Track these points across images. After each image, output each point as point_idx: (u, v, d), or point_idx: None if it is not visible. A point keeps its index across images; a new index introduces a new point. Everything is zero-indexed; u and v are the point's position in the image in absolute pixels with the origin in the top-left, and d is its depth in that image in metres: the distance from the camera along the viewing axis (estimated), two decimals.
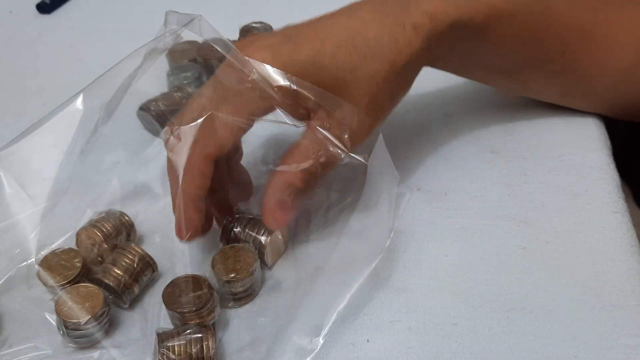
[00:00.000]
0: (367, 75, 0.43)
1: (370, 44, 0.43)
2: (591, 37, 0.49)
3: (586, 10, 0.49)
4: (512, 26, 0.47)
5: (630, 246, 0.45)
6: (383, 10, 0.44)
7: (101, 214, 0.47)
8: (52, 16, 0.72)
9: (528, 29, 0.47)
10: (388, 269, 0.45)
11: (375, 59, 0.43)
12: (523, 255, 0.46)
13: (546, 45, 0.49)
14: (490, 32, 0.46)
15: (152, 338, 0.41)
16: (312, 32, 0.44)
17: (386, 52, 0.43)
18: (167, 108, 0.55)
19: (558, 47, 0.49)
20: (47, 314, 0.43)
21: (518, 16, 0.46)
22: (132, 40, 0.68)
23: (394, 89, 0.45)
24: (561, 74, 0.50)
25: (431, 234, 0.48)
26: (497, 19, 0.46)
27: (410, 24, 0.43)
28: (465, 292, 0.44)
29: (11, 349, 0.43)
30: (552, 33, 0.48)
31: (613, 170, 0.50)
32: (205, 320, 0.42)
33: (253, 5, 0.71)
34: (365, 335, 0.43)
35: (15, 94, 0.63)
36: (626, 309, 0.42)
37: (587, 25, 0.48)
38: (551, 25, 0.48)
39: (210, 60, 0.59)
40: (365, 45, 0.43)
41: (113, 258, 0.45)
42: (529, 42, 0.48)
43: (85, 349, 0.43)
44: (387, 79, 0.43)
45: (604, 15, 0.49)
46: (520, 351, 0.41)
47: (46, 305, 0.44)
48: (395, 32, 0.43)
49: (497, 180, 0.51)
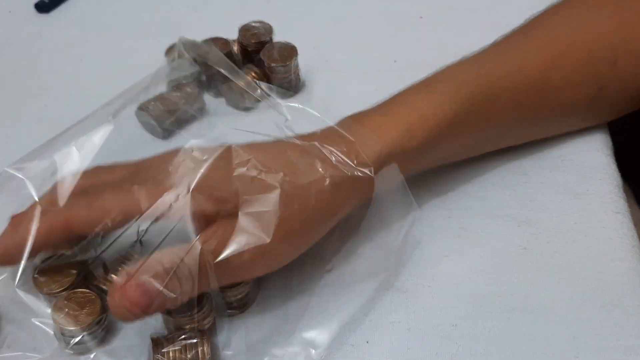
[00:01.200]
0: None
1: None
2: (546, 86, 0.48)
3: (532, 58, 0.47)
4: (459, 128, 0.45)
5: (631, 246, 0.45)
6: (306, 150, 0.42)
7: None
8: (50, 15, 0.72)
9: (477, 121, 0.46)
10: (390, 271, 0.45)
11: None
12: (524, 256, 0.46)
13: (502, 121, 0.48)
14: (434, 148, 0.45)
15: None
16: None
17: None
18: (165, 108, 0.55)
19: (514, 115, 0.48)
20: (44, 320, 0.43)
21: (462, 119, 0.45)
22: (132, 39, 0.68)
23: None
24: (523, 132, 0.50)
25: (431, 233, 0.47)
26: (439, 136, 0.44)
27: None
28: (466, 292, 0.44)
29: (9, 349, 0.43)
30: (503, 108, 0.47)
31: (614, 170, 0.50)
32: (200, 325, 0.41)
33: (253, 4, 0.71)
34: (365, 336, 0.42)
35: (15, 93, 0.63)
36: (627, 309, 0.42)
37: (537, 75, 0.47)
38: (500, 101, 0.47)
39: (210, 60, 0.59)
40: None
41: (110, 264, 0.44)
42: (482, 129, 0.47)
43: (82, 355, 0.43)
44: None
45: (552, 55, 0.48)
46: (520, 352, 0.41)
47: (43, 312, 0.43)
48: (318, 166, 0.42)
49: (497, 180, 0.50)
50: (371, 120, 0.44)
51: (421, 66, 0.57)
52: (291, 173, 0.40)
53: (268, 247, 0.39)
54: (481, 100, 0.46)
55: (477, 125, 0.47)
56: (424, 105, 0.45)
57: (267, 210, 0.39)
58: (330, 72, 0.61)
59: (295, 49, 0.57)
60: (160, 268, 0.37)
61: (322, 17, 0.69)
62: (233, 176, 0.40)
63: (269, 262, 0.41)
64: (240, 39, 0.59)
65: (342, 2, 0.70)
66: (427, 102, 0.45)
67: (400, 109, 0.45)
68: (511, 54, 0.48)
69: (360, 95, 0.58)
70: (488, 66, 0.47)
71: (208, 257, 0.38)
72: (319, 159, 0.41)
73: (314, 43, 0.62)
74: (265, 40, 0.58)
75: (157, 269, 0.37)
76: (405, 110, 0.45)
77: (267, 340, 0.42)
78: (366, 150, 0.42)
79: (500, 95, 0.46)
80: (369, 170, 0.42)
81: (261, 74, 0.57)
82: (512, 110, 0.48)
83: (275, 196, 0.39)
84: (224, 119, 0.57)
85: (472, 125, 0.46)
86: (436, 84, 0.46)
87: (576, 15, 0.49)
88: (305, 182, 0.40)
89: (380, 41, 0.64)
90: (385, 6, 0.69)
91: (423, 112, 0.44)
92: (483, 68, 0.47)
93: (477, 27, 0.64)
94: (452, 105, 0.45)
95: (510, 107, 0.47)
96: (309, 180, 0.40)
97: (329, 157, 0.42)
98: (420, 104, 0.45)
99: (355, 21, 0.68)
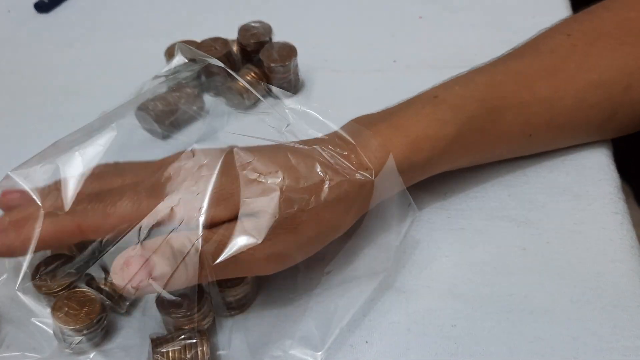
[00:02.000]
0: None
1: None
2: (556, 107, 0.47)
3: (543, 78, 0.47)
4: (464, 144, 0.46)
5: (630, 247, 0.45)
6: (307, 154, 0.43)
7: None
8: (50, 15, 0.72)
9: (482, 139, 0.46)
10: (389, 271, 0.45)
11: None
12: (523, 256, 0.46)
13: (508, 139, 0.48)
14: (439, 162, 0.46)
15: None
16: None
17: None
18: (165, 108, 0.55)
19: (521, 133, 0.48)
20: (44, 320, 0.43)
21: (466, 136, 0.45)
22: (132, 39, 0.68)
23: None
24: (530, 150, 0.50)
25: (431, 234, 0.47)
26: (444, 151, 0.45)
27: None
28: (465, 293, 0.44)
29: (9, 349, 0.43)
30: (510, 126, 0.47)
31: (613, 171, 0.50)
32: (200, 325, 0.41)
33: (252, 4, 0.71)
34: (364, 336, 0.42)
35: (14, 93, 0.63)
36: (626, 310, 0.42)
37: (547, 94, 0.47)
38: (507, 119, 0.46)
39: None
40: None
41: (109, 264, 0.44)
42: (488, 146, 0.47)
43: (81, 354, 0.43)
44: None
45: (565, 76, 0.47)
46: (520, 352, 0.41)
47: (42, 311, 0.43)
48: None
49: (497, 180, 0.50)
50: (378, 130, 0.44)
51: (421, 66, 0.57)
52: (291, 176, 0.40)
53: (265, 248, 0.39)
54: (488, 117, 0.46)
55: (483, 142, 0.47)
56: (430, 120, 0.44)
57: (266, 213, 0.39)
58: (329, 72, 0.61)
59: (294, 49, 0.57)
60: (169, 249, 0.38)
61: (321, 17, 0.69)
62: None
63: (267, 265, 0.41)
64: (240, 39, 0.59)
65: (342, 2, 0.70)
66: (434, 118, 0.45)
67: (408, 122, 0.45)
68: (521, 71, 0.48)
69: (359, 95, 0.58)
70: (497, 82, 0.47)
71: (207, 258, 0.39)
72: (320, 162, 0.41)
73: (313, 43, 0.62)
74: (265, 41, 0.58)
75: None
76: (413, 123, 0.44)
77: (267, 340, 0.42)
78: (368, 153, 0.42)
79: (508, 113, 0.46)
80: (370, 174, 0.42)
81: (260, 74, 0.57)
82: (519, 130, 0.47)
83: (274, 199, 0.39)
84: (223, 119, 0.57)
85: (478, 142, 0.47)
86: (445, 96, 0.46)
87: (589, 40, 0.49)
88: (305, 186, 0.40)
89: (380, 41, 0.64)
90: (385, 6, 0.69)
91: (429, 127, 0.44)
92: (491, 86, 0.47)
93: (477, 27, 0.64)
94: (458, 122, 0.45)
95: (517, 127, 0.47)
96: (309, 184, 0.40)
97: (329, 160, 0.42)
98: (427, 118, 0.45)
99: (355, 21, 0.68)
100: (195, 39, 0.60)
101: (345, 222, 0.43)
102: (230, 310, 0.44)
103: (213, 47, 0.58)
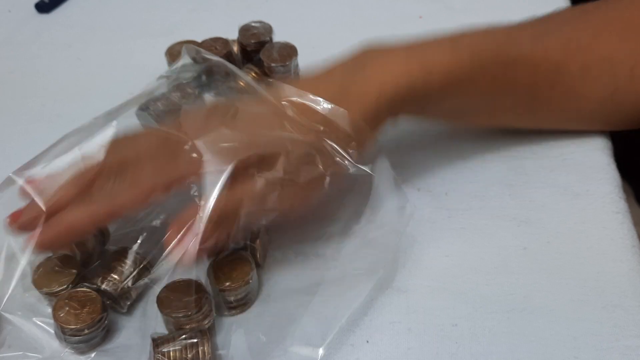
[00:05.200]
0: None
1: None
2: (563, 72, 0.49)
3: (556, 43, 0.49)
4: (473, 85, 0.47)
5: (631, 246, 0.45)
6: (333, 80, 0.46)
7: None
8: (50, 15, 0.72)
9: (491, 84, 0.48)
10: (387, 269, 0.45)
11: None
12: (524, 256, 0.46)
13: (514, 93, 0.49)
14: (449, 95, 0.47)
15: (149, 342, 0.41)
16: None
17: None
18: (165, 108, 0.55)
19: (527, 90, 0.49)
20: (45, 319, 0.43)
21: (478, 76, 0.47)
22: (131, 39, 0.68)
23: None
24: (533, 113, 0.51)
25: (431, 234, 0.47)
26: (455, 83, 0.46)
27: (356, 94, 0.45)
28: (466, 292, 0.44)
29: (10, 349, 0.43)
30: (519, 80, 0.48)
31: (614, 170, 0.50)
32: (201, 325, 0.41)
33: (253, 4, 0.71)
34: (365, 336, 0.42)
35: (14, 93, 0.63)
36: (627, 309, 0.42)
37: (558, 58, 0.48)
38: (517, 71, 0.48)
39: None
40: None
41: (110, 263, 0.44)
42: (495, 94, 0.49)
43: (82, 354, 0.43)
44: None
45: (577, 45, 0.49)
46: (520, 352, 0.41)
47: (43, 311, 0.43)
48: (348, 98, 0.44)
49: (497, 180, 0.50)
50: (396, 54, 0.46)
51: None
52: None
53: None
54: (499, 64, 0.47)
55: (492, 88, 0.48)
56: (447, 52, 0.46)
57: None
58: None
59: (294, 49, 0.57)
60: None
61: (321, 17, 0.69)
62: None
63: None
64: (240, 39, 0.59)
65: (342, 2, 0.70)
66: (450, 51, 0.46)
67: (425, 50, 0.46)
68: (536, 34, 0.49)
69: None
70: (514, 36, 0.49)
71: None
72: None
73: (313, 43, 0.62)
74: (265, 40, 0.58)
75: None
76: (430, 52, 0.46)
77: (268, 339, 0.42)
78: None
79: (519, 66, 0.48)
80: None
81: (261, 74, 0.57)
82: (526, 86, 0.49)
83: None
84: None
85: (488, 86, 0.48)
86: (461, 39, 0.48)
87: (602, 21, 0.50)
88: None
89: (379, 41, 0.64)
90: (385, 6, 0.69)
91: (445, 56, 0.46)
92: (509, 37, 0.49)
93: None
94: (474, 58, 0.46)
95: (524, 82, 0.49)
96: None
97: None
98: (444, 50, 0.47)
99: (355, 21, 0.68)
100: (196, 39, 0.60)
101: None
102: (230, 310, 0.44)
103: (213, 47, 0.58)
